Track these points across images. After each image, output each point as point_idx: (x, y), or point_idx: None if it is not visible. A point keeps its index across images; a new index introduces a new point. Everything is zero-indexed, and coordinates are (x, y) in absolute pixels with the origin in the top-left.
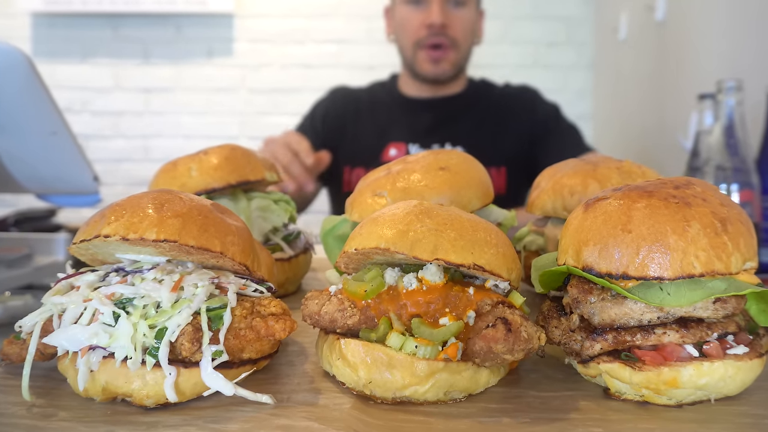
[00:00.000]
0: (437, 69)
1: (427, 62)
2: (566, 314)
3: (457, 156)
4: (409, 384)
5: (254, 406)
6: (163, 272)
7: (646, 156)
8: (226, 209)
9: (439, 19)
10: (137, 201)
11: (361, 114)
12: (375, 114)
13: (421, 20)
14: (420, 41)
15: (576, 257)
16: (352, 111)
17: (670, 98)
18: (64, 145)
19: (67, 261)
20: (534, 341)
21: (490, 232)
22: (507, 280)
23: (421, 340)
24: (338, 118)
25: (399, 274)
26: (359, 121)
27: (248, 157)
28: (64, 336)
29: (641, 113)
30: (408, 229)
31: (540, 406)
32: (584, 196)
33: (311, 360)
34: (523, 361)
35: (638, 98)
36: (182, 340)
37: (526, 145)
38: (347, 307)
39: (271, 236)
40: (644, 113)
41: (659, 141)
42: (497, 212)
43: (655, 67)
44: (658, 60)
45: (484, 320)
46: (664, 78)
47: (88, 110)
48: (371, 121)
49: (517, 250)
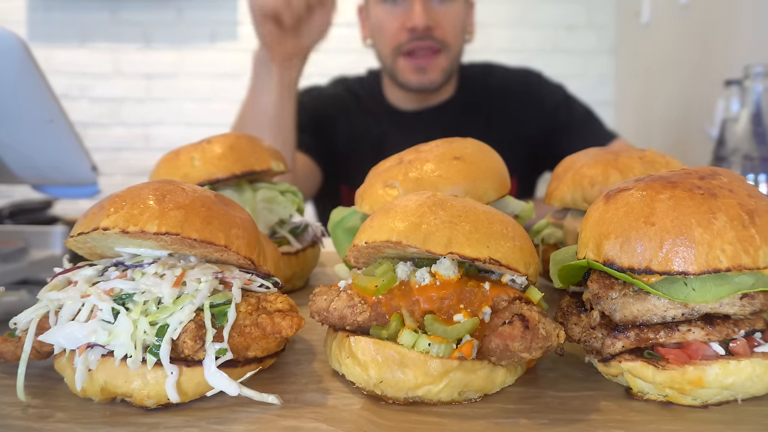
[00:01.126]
0: (423, 79)
1: (410, 71)
2: (586, 310)
3: (473, 145)
4: (422, 383)
5: (260, 407)
6: (164, 267)
7: (670, 145)
8: (230, 201)
9: (422, 20)
10: (137, 192)
11: (351, 124)
12: (366, 126)
13: (401, 22)
14: (400, 47)
15: (597, 251)
16: (343, 120)
17: (695, 84)
18: (60, 134)
19: (64, 255)
20: (552, 339)
21: (506, 225)
22: (524, 274)
23: (434, 338)
24: (328, 127)
25: (411, 268)
26: (351, 133)
27: (253, 146)
28: (61, 333)
29: (665, 100)
30: (421, 221)
31: (559, 407)
32: (605, 186)
33: (319, 358)
34: (541, 359)
35: (662, 84)
36: (184, 337)
37: (538, 146)
38: (357, 303)
39: (278, 229)
40: (668, 100)
41: (684, 129)
42: (514, 204)
43: (680, 52)
44: (683, 44)
45: (501, 317)
46: (688, 63)
47: (86, 97)
48: (363, 134)
49: (534, 244)
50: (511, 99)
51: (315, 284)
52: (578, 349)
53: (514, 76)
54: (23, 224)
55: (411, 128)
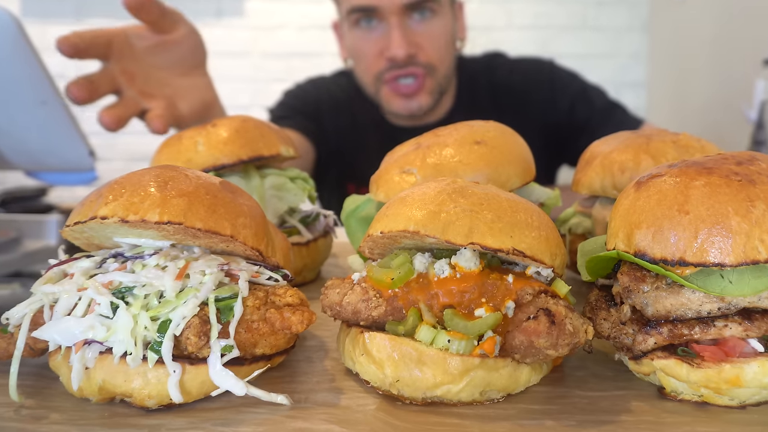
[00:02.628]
0: (411, 105)
1: (396, 99)
2: (616, 305)
3: (495, 128)
4: (441, 383)
5: (268, 408)
6: (166, 258)
7: (706, 128)
8: (236, 188)
9: (402, 49)
10: (138, 178)
11: (355, 119)
12: (371, 123)
13: (379, 49)
14: (381, 75)
15: (627, 241)
16: (346, 113)
17: (732, 64)
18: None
19: (59, 245)
20: (580, 335)
21: (531, 214)
22: (550, 266)
23: (454, 334)
24: (327, 117)
25: (430, 260)
26: (354, 128)
27: (261, 130)
28: (56, 329)
29: (701, 81)
30: (440, 209)
31: (587, 408)
32: (636, 173)
33: (332, 356)
34: (568, 357)
35: (698, 64)
36: (188, 333)
37: (552, 142)
38: (372, 296)
39: (287, 218)
40: (704, 81)
41: (720, 111)
42: (539, 191)
43: (717, 29)
44: (721, 21)
45: (525, 311)
46: (726, 41)
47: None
48: (369, 131)
49: (561, 234)
50: (520, 96)
51: (327, 277)
52: (608, 346)
53: (522, 70)
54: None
55: None
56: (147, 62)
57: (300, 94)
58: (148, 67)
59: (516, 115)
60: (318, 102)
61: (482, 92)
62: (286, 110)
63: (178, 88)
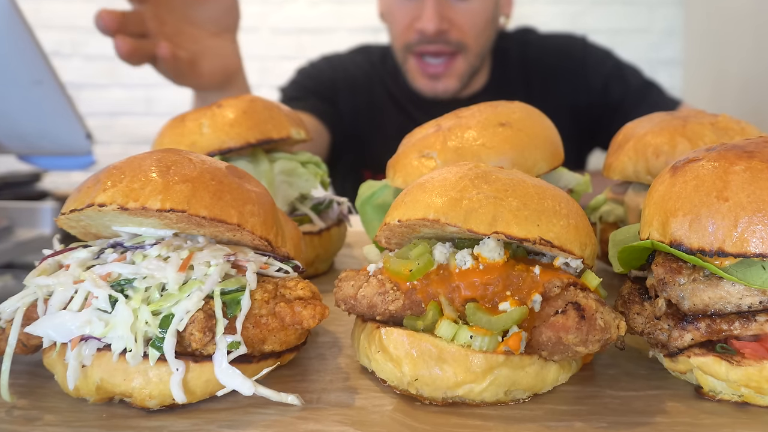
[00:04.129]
0: (436, 86)
1: (421, 76)
2: (650, 298)
3: (521, 109)
4: (463, 381)
5: (278, 408)
6: (169, 248)
7: (746, 109)
8: (244, 173)
9: (433, 23)
10: (138, 163)
11: (372, 102)
12: (388, 107)
13: (411, 18)
14: (410, 46)
15: (662, 230)
16: (362, 94)
17: None
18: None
19: (54, 235)
20: (612, 330)
21: (559, 201)
22: (580, 257)
23: (477, 330)
24: (343, 97)
25: (451, 250)
26: (371, 112)
27: (270, 111)
28: (50, 324)
29: (741, 58)
30: (462, 196)
31: (619, 408)
32: (672, 157)
33: (346, 353)
34: (598, 354)
35: (737, 40)
36: (192, 329)
37: (584, 123)
38: (389, 289)
39: (299, 205)
40: (744, 58)
41: (761, 91)
42: (568, 176)
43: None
44: None
45: (553, 305)
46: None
47: (80, 54)
48: (386, 115)
49: (591, 222)
50: (552, 72)
51: (341, 268)
52: (641, 342)
53: (554, 46)
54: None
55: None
56: (181, 13)
57: (314, 72)
58: (181, 18)
59: (545, 94)
60: (333, 81)
61: (514, 70)
62: (299, 90)
63: (204, 47)
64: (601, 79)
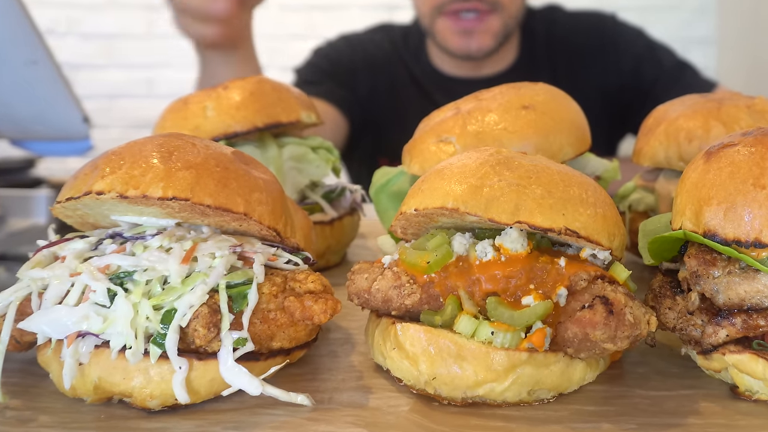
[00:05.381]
0: (470, 44)
1: (453, 34)
2: (683, 292)
3: (545, 91)
4: (484, 380)
5: (287, 409)
6: (171, 239)
7: None
8: (251, 159)
9: None
10: (139, 148)
11: (391, 84)
12: (409, 90)
13: None
14: (441, 6)
15: (695, 220)
16: (382, 76)
17: None
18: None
19: (49, 224)
20: (642, 326)
21: (586, 189)
22: (608, 248)
23: (498, 325)
24: (361, 79)
25: (471, 241)
26: (390, 94)
27: (279, 93)
28: (45, 320)
29: None
30: (482, 183)
31: (649, 409)
32: (705, 142)
33: (359, 350)
34: (627, 351)
35: None
36: (195, 324)
37: (615, 105)
38: (405, 282)
39: (309, 193)
40: None
41: None
42: (595, 162)
43: None
44: None
45: (579, 300)
46: None
47: (76, 32)
48: (405, 99)
49: (620, 211)
50: (579, 52)
51: (354, 260)
52: (673, 338)
53: (581, 24)
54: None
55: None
56: None
57: (332, 53)
58: None
59: (573, 76)
60: (352, 63)
61: (540, 50)
62: (315, 73)
63: None
64: (632, 60)
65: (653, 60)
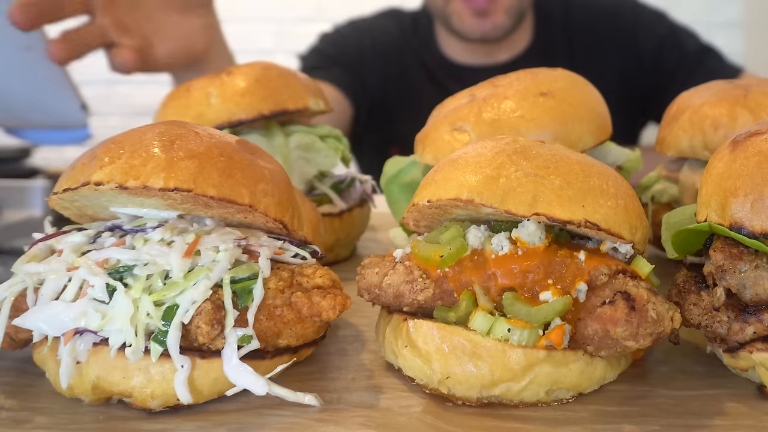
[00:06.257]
0: (485, 24)
1: (467, 15)
2: (708, 287)
3: (564, 78)
4: (500, 380)
5: (294, 409)
6: (173, 232)
7: None
8: (256, 148)
9: None
10: (139, 137)
11: (402, 71)
12: (419, 78)
13: None
14: None
15: (721, 212)
16: (393, 62)
17: None
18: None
19: (45, 217)
20: (665, 323)
21: (607, 179)
22: (629, 241)
23: (515, 322)
24: (368, 66)
25: (486, 234)
26: (400, 82)
27: (286, 79)
28: (41, 316)
29: None
30: (498, 174)
31: (673, 409)
32: (732, 130)
33: (369, 348)
34: (650, 349)
35: None
36: (198, 321)
37: (635, 91)
38: (417, 277)
39: (317, 184)
40: None
41: None
42: (616, 152)
43: None
44: None
45: (600, 295)
46: None
47: None
48: (416, 87)
49: (643, 203)
50: (598, 36)
51: (364, 254)
52: (698, 336)
53: (600, 7)
54: None
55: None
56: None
57: (338, 39)
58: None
59: (591, 61)
60: (360, 50)
61: (556, 35)
62: (321, 59)
63: (162, 26)
64: (653, 44)
65: (675, 44)
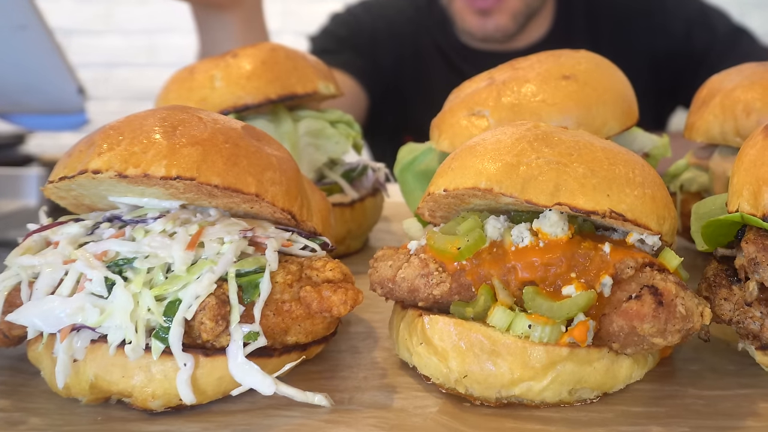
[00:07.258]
0: (487, 24)
1: (470, 14)
2: (740, 281)
3: (588, 60)
4: (520, 379)
5: (303, 410)
6: (175, 222)
7: None
8: (263, 134)
9: None
10: (139, 123)
11: (417, 54)
12: (435, 61)
13: None
14: None
15: (754, 201)
16: (407, 45)
17: None
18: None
19: (40, 207)
20: (694, 319)
21: (633, 167)
22: (657, 232)
23: (536, 318)
24: (382, 48)
25: (506, 225)
26: (415, 66)
27: (294, 62)
28: (36, 311)
29: None
30: (519, 161)
31: (703, 410)
32: (765, 116)
33: (382, 345)
34: (679, 347)
35: None
36: (202, 317)
37: (663, 75)
38: (433, 270)
39: (327, 172)
40: None
41: None
42: (643, 138)
43: None
44: None
45: (626, 289)
46: None
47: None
48: (432, 71)
49: (671, 192)
50: (624, 17)
51: (377, 246)
52: (729, 332)
53: None
54: None
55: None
56: None
57: (350, 20)
58: None
59: (617, 43)
60: (373, 31)
61: (579, 15)
62: (332, 41)
63: None
64: (682, 25)
65: (705, 25)
